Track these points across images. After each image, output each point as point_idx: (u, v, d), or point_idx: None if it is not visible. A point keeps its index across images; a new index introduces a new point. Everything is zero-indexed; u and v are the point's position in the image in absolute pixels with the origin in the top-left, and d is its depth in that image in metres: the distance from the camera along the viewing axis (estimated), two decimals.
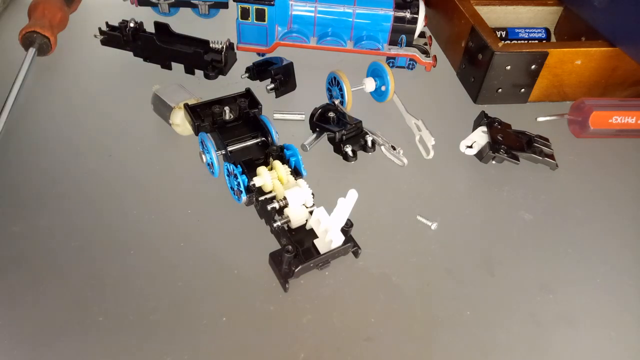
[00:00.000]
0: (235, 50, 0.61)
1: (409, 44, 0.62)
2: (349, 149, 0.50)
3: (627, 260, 0.44)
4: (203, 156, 0.47)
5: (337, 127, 0.51)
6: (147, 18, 0.61)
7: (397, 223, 0.45)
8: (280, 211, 0.41)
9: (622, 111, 0.53)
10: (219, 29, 0.66)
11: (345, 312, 0.39)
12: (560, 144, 0.53)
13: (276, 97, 0.58)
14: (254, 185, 0.42)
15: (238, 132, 0.49)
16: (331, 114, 0.52)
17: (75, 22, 0.64)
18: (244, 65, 0.59)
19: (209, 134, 0.47)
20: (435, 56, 0.62)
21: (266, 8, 0.57)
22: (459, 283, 0.41)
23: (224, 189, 0.46)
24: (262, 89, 0.57)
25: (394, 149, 0.50)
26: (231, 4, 0.67)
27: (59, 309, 0.37)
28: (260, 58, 0.60)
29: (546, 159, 0.51)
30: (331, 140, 0.52)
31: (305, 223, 0.42)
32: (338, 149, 0.51)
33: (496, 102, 0.58)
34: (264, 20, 0.58)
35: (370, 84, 0.57)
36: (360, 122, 0.51)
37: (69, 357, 0.35)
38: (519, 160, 0.50)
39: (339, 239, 0.39)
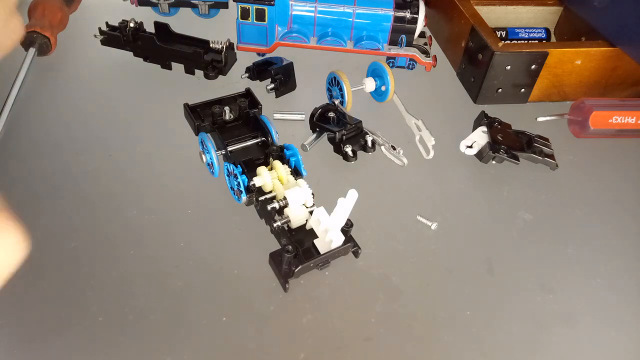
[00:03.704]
0: (235, 50, 0.61)
1: (409, 44, 0.62)
2: (349, 149, 0.50)
3: (627, 260, 0.44)
4: (203, 156, 0.47)
5: (337, 127, 0.51)
6: (147, 18, 0.61)
7: (397, 223, 0.45)
8: (280, 211, 0.41)
9: (622, 111, 0.53)
10: (219, 29, 0.66)
11: (345, 312, 0.39)
12: (560, 144, 0.53)
13: (276, 97, 0.58)
14: (254, 185, 0.42)
15: (238, 132, 0.49)
16: (331, 114, 0.52)
17: (75, 22, 0.64)
18: (244, 65, 0.59)
19: (209, 134, 0.47)
20: (435, 56, 0.62)
21: (266, 8, 0.57)
22: (459, 283, 0.41)
23: (224, 189, 0.46)
24: (262, 89, 0.57)
25: (394, 149, 0.50)
26: (231, 4, 0.66)
27: (59, 309, 0.37)
28: (260, 58, 0.60)
29: (546, 159, 0.51)
30: (331, 140, 0.52)
31: (305, 223, 0.42)
32: (338, 149, 0.51)
33: (496, 102, 0.58)
34: (264, 20, 0.58)
35: (370, 84, 0.57)
36: (360, 122, 0.51)
37: (69, 356, 0.35)
38: (519, 160, 0.50)
39: (339, 239, 0.39)
